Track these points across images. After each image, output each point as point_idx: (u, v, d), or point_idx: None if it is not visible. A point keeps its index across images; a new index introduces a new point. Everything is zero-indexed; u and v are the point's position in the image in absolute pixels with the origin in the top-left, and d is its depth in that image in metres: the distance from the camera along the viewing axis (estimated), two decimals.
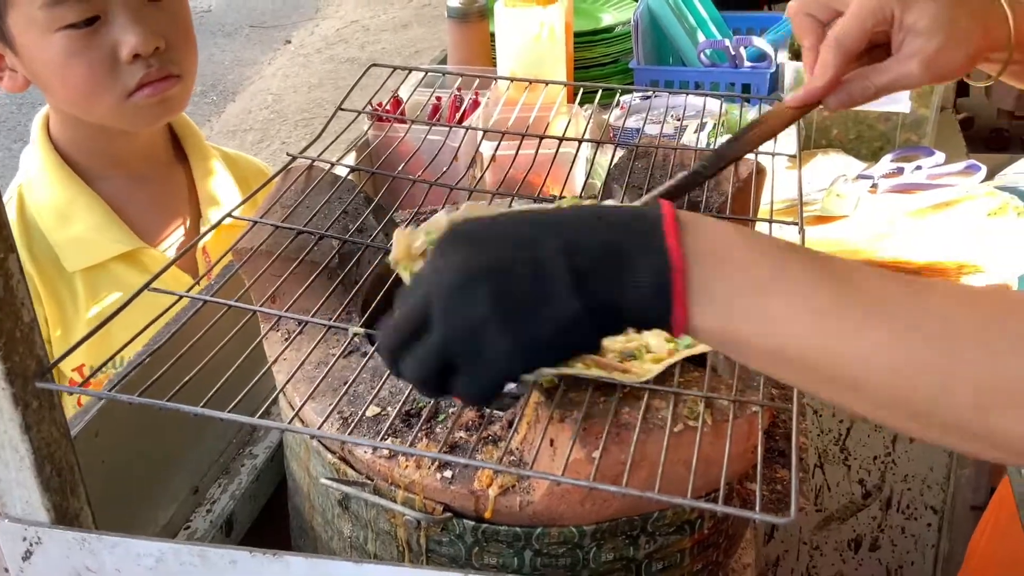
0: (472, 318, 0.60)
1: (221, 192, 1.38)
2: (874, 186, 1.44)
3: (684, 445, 0.75)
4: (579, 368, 0.80)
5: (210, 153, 1.40)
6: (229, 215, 0.96)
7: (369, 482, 0.85)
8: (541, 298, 0.59)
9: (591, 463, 0.73)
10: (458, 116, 1.40)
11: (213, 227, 0.94)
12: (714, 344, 0.64)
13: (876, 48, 0.90)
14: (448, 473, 0.82)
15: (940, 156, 1.48)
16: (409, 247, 0.82)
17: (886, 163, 1.49)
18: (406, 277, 0.82)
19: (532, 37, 1.40)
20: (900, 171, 1.47)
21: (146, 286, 0.84)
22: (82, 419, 0.87)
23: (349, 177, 1.08)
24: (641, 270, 0.59)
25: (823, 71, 0.89)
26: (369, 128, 1.33)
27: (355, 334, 0.84)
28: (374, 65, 1.28)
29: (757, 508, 0.68)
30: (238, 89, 6.23)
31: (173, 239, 1.34)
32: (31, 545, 0.76)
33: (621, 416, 0.77)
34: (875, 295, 0.60)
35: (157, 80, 1.21)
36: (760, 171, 1.08)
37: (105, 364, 0.76)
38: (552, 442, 0.77)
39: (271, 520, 1.09)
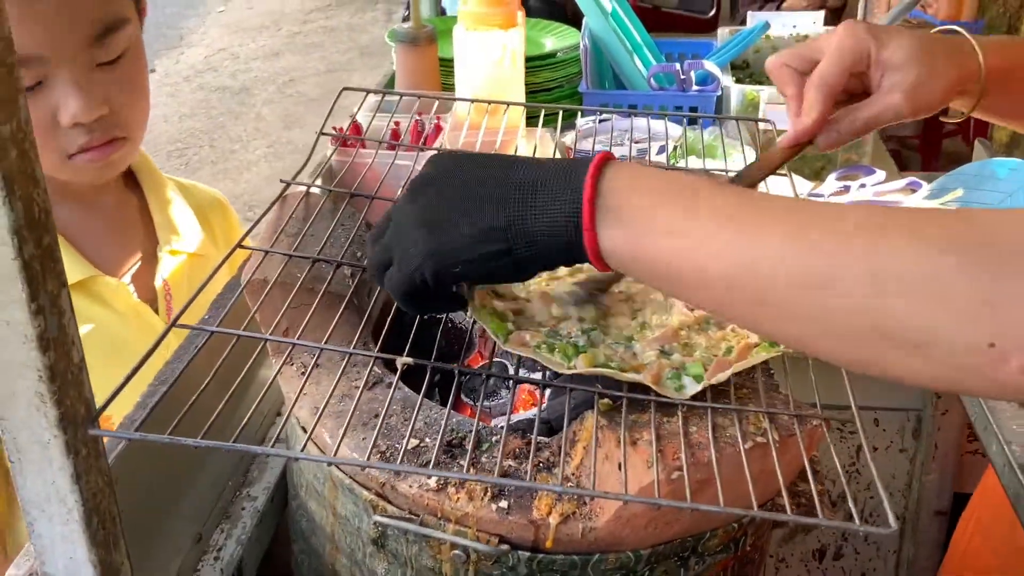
0: (406, 216, 0.72)
1: (179, 221, 1.32)
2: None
3: (754, 461, 0.75)
4: (611, 370, 0.79)
5: (164, 182, 1.34)
6: (239, 245, 0.91)
7: (416, 517, 0.82)
8: (463, 211, 0.69)
9: (672, 484, 0.72)
10: (422, 140, 1.38)
11: (226, 257, 0.88)
12: (625, 267, 0.68)
13: (854, 95, 0.94)
14: (504, 503, 0.79)
15: (881, 174, 1.54)
16: None
17: (832, 182, 1.54)
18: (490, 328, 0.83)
19: (495, 60, 1.39)
20: (847, 189, 1.52)
21: (173, 323, 0.79)
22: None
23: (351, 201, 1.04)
24: (557, 200, 0.66)
25: (810, 110, 0.92)
26: (333, 153, 1.30)
27: (404, 364, 0.80)
28: (347, 89, 1.25)
29: (858, 520, 0.68)
30: None
31: (128, 267, 1.27)
32: None
33: (691, 436, 0.76)
34: (771, 207, 0.64)
35: (100, 145, 1.15)
36: None
37: (112, 400, 0.70)
38: (621, 465, 0.76)
39: (271, 562, 1.04)
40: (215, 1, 8.63)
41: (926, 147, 3.60)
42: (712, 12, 5.89)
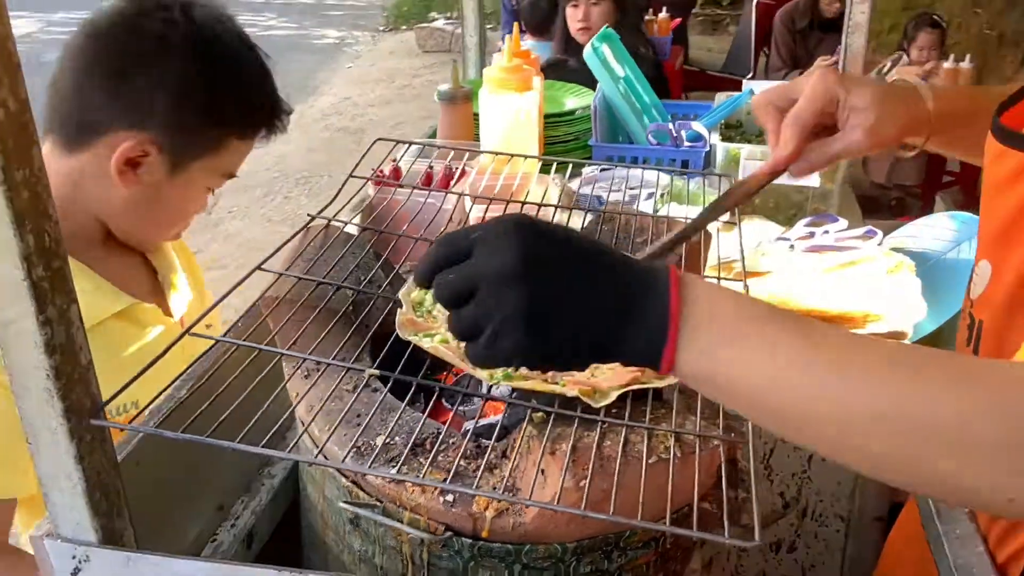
0: (504, 303, 0.58)
1: (170, 256, 1.27)
2: (791, 247, 1.43)
3: (658, 475, 0.71)
4: (538, 384, 0.77)
5: None
6: (259, 268, 0.90)
7: (379, 504, 0.80)
8: (560, 319, 0.59)
9: (580, 491, 0.69)
10: (453, 183, 1.37)
11: (244, 279, 0.88)
12: (693, 384, 0.62)
13: (824, 130, 0.92)
14: (450, 497, 0.77)
15: (843, 222, 1.48)
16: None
17: (800, 228, 1.48)
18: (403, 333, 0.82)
19: (511, 119, 1.37)
20: (812, 234, 1.46)
21: (186, 331, 0.79)
22: (124, 449, 0.81)
23: (361, 235, 1.04)
24: (648, 321, 0.58)
25: (786, 144, 0.91)
26: (376, 192, 1.30)
27: (370, 375, 0.79)
28: (380, 139, 1.24)
29: (726, 534, 0.64)
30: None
31: (147, 296, 1.21)
32: (80, 563, 0.71)
33: (604, 449, 0.73)
34: (835, 352, 0.58)
35: None
36: (706, 235, 1.06)
37: (152, 402, 0.70)
38: (543, 472, 0.73)
39: (285, 533, 1.04)
40: (346, 59, 8.80)
41: (927, 194, 3.47)
42: (750, 75, 5.78)
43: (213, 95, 1.08)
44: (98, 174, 1.06)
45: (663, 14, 4.53)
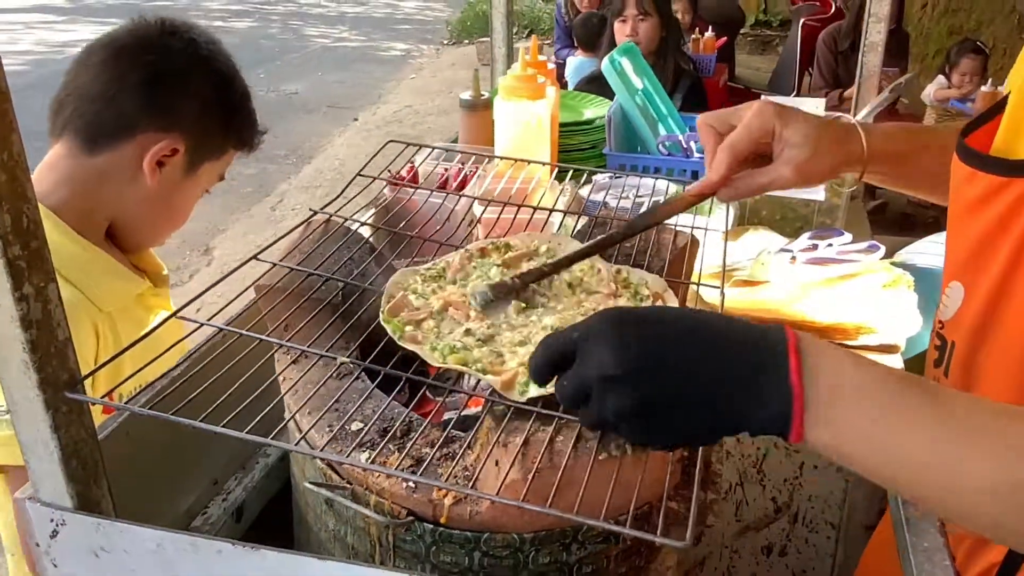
0: (613, 412, 0.58)
1: (155, 260, 1.30)
2: (793, 258, 1.39)
3: (607, 472, 0.69)
4: (474, 371, 0.76)
5: None
6: (255, 257, 0.91)
7: (348, 486, 0.80)
8: (678, 411, 0.58)
9: (525, 483, 0.68)
10: (466, 185, 1.36)
11: (238, 268, 0.89)
12: (828, 456, 0.60)
13: (760, 157, 0.89)
14: (412, 484, 0.76)
15: (848, 236, 1.43)
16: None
17: (804, 240, 1.44)
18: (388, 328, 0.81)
19: (523, 125, 1.36)
20: (815, 247, 1.41)
21: (173, 314, 0.80)
22: (115, 421, 0.82)
23: (360, 230, 1.03)
24: (768, 396, 0.56)
25: (717, 169, 0.88)
26: (394, 192, 1.30)
27: (342, 363, 0.79)
28: (392, 141, 1.24)
29: (659, 531, 0.62)
30: (313, 154, 6.24)
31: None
32: (57, 526, 0.71)
33: (555, 444, 0.72)
34: (971, 427, 0.56)
35: None
36: (694, 242, 1.04)
37: (127, 380, 0.71)
38: (497, 462, 0.72)
39: (280, 511, 1.04)
40: (410, 70, 8.88)
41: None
42: (794, 93, 5.65)
43: (226, 106, 1.18)
44: (120, 172, 1.12)
45: (708, 33, 4.47)
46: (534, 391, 0.73)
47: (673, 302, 0.88)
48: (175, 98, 1.13)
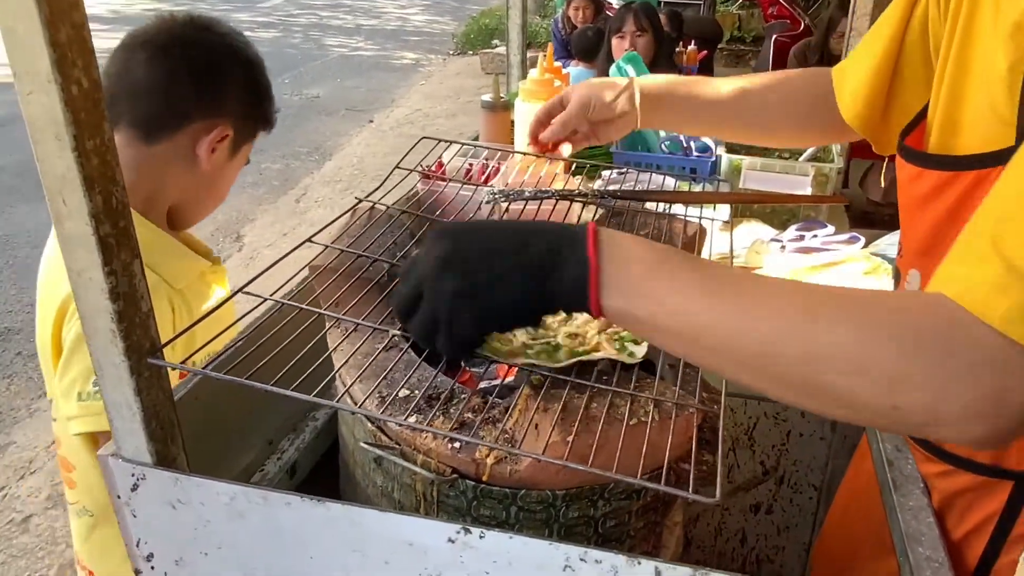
0: (448, 295, 0.61)
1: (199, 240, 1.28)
2: (783, 247, 1.38)
3: (637, 435, 0.68)
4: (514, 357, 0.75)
5: None
6: (310, 240, 0.89)
7: (397, 447, 0.79)
8: (498, 285, 0.60)
9: (566, 445, 0.67)
10: (483, 177, 1.34)
11: (294, 249, 0.87)
12: (622, 323, 0.62)
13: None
14: (457, 445, 0.75)
15: (831, 228, 1.42)
16: None
17: (792, 231, 1.43)
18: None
19: None
20: (802, 237, 1.41)
21: (239, 290, 0.78)
22: (185, 387, 0.81)
23: (400, 217, 1.02)
24: (568, 269, 0.59)
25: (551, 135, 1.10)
26: (427, 185, 1.28)
27: (393, 335, 0.77)
28: (425, 138, 1.23)
29: (691, 489, 0.61)
30: (333, 152, 6.19)
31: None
32: (137, 480, 0.70)
33: (591, 411, 0.71)
34: (736, 285, 0.57)
35: None
36: (702, 231, 1.02)
37: (200, 349, 0.70)
38: (537, 427, 0.71)
39: (327, 468, 1.03)
40: (419, 77, 8.81)
41: None
42: None
43: (258, 92, 1.17)
44: (177, 159, 1.11)
45: (691, 47, 4.45)
46: (640, 351, 0.74)
47: None
48: (221, 88, 1.12)
